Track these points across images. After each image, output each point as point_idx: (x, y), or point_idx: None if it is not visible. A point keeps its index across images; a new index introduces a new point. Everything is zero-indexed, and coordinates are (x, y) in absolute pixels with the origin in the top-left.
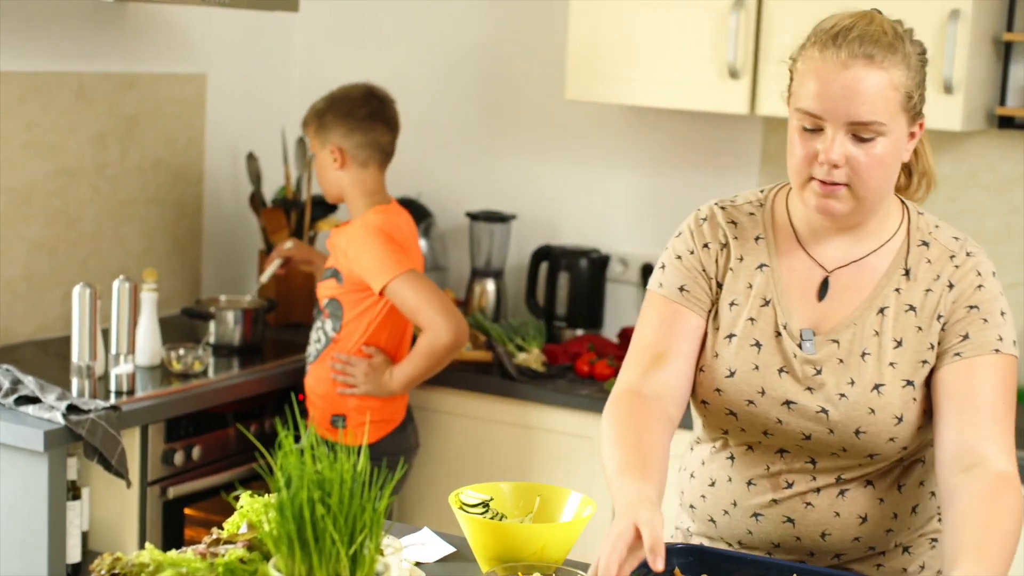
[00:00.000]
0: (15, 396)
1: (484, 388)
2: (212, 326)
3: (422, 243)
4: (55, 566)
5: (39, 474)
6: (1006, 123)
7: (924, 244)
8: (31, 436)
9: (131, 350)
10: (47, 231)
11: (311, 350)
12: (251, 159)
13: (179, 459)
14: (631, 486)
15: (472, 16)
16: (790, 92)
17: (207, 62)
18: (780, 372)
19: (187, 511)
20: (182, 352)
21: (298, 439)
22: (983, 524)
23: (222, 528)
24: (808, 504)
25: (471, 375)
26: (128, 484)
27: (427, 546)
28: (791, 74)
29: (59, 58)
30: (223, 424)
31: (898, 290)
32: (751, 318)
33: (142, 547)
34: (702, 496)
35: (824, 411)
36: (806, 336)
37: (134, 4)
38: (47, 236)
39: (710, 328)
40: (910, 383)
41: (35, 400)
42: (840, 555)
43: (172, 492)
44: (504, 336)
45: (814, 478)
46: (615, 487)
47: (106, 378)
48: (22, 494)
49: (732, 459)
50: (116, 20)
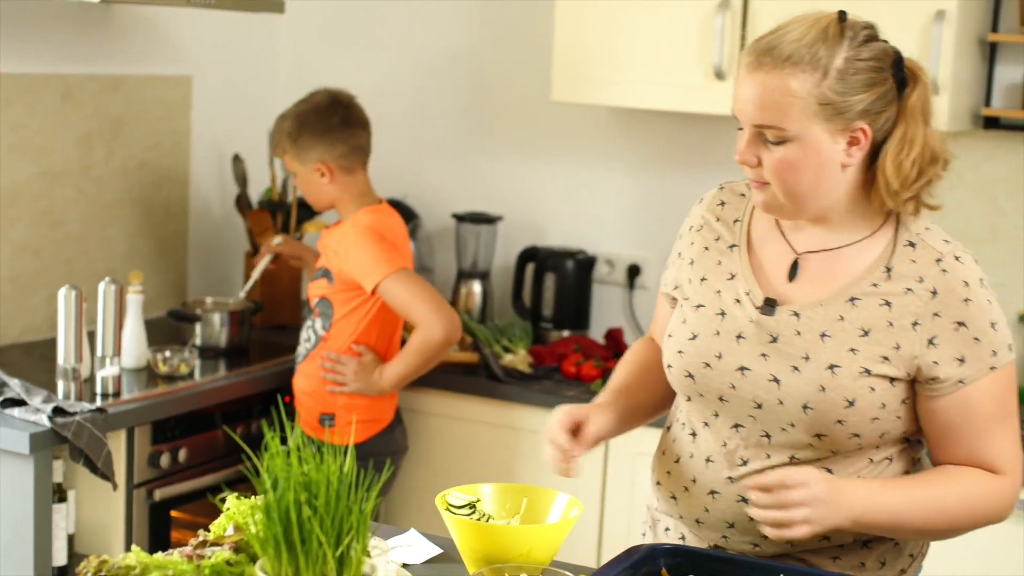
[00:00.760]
0: (0, 399)
1: (471, 389)
2: (198, 328)
3: None
4: (41, 569)
5: (25, 477)
6: (991, 124)
7: (910, 245)
8: (17, 439)
9: (117, 352)
10: (32, 232)
11: (301, 349)
12: (237, 161)
13: (165, 461)
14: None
15: (458, 17)
16: None
17: (193, 64)
18: (738, 338)
19: (173, 513)
20: (168, 354)
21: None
22: (942, 475)
23: (208, 530)
24: None
25: (457, 376)
26: (114, 487)
27: (414, 547)
28: None
29: (45, 60)
30: (209, 426)
31: (875, 285)
32: (718, 290)
33: (128, 550)
34: (668, 472)
35: (775, 380)
36: (768, 304)
37: (120, 6)
38: (32, 238)
39: (681, 299)
40: (868, 372)
41: (20, 403)
42: (792, 542)
43: (158, 494)
44: (490, 337)
45: (768, 456)
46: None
47: (92, 380)
48: (8, 497)
49: (694, 435)
50: (102, 22)
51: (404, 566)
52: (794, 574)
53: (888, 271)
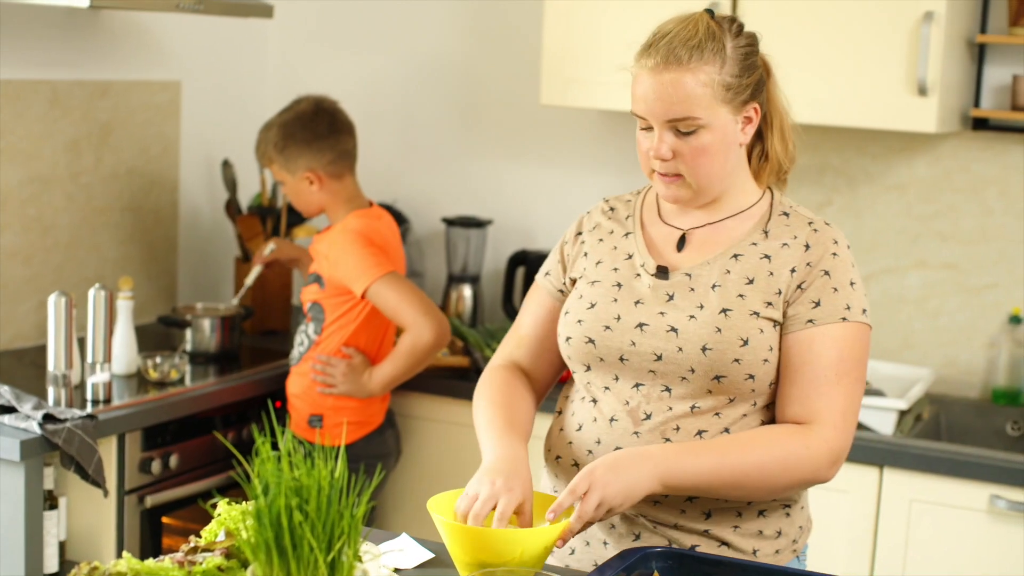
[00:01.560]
0: None
1: (462, 393)
2: (188, 334)
3: None
4: None
5: (15, 484)
6: (980, 125)
7: (785, 214)
8: (7, 446)
9: (107, 358)
10: (21, 239)
11: (294, 353)
12: (226, 166)
13: (156, 468)
14: (500, 445)
15: (446, 22)
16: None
17: (181, 69)
18: (636, 304)
19: (165, 520)
20: (159, 360)
21: (275, 446)
22: (756, 434)
23: (200, 536)
24: (667, 440)
25: (448, 380)
26: (105, 493)
27: (405, 552)
28: (631, 82)
29: (33, 66)
30: (200, 432)
31: (755, 244)
32: (616, 268)
33: (120, 556)
34: (569, 443)
35: (674, 329)
36: (661, 271)
37: (108, 11)
38: (21, 244)
39: (578, 279)
40: (757, 314)
41: (11, 410)
42: (710, 514)
43: (150, 501)
44: (481, 341)
45: (670, 408)
46: (483, 438)
47: (82, 387)
48: None
49: (595, 402)
50: (90, 27)
51: (396, 571)
52: (783, 575)
53: (766, 233)
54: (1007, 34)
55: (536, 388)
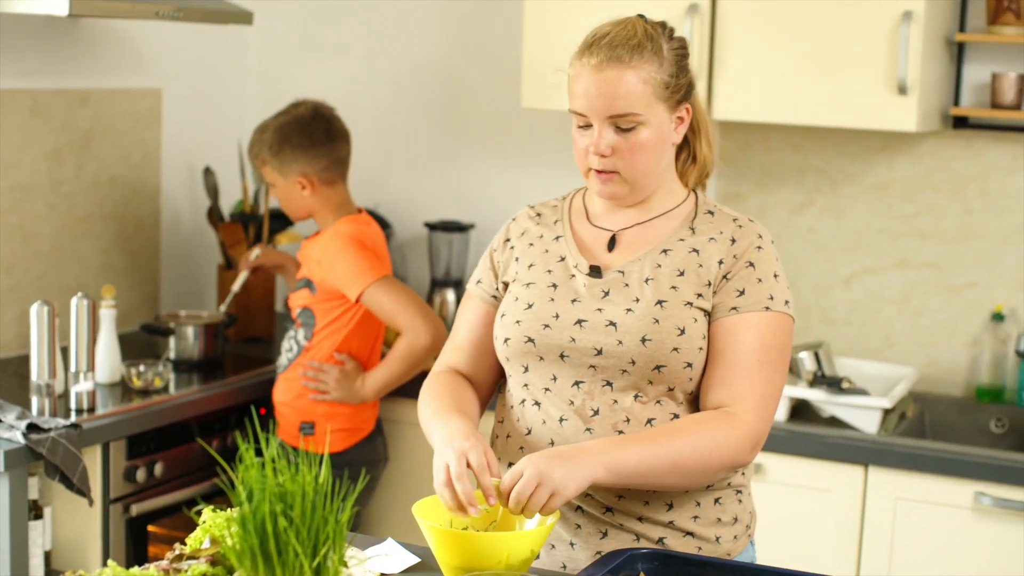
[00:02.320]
0: None
1: None
2: (172, 342)
3: None
4: None
5: (0, 494)
6: (960, 123)
7: (710, 213)
8: None
9: (91, 367)
10: (3, 248)
11: (282, 360)
12: (208, 173)
13: (141, 476)
14: (451, 422)
15: (427, 26)
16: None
17: (162, 76)
18: (573, 302)
19: (151, 528)
20: (142, 368)
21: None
22: (682, 423)
23: (185, 544)
24: (620, 432)
25: None
26: (90, 502)
27: (391, 557)
28: (568, 81)
29: (12, 75)
30: (185, 440)
31: (683, 240)
32: (549, 270)
33: (105, 565)
34: (521, 448)
35: (612, 323)
36: (595, 270)
37: (87, 20)
38: (3, 254)
39: (511, 283)
40: (690, 304)
41: None
42: (672, 505)
43: (135, 509)
44: None
45: (615, 401)
46: (433, 426)
47: (66, 396)
48: None
49: (538, 404)
50: (69, 35)
51: None
52: (770, 575)
53: (693, 230)
54: (986, 32)
55: (479, 393)
